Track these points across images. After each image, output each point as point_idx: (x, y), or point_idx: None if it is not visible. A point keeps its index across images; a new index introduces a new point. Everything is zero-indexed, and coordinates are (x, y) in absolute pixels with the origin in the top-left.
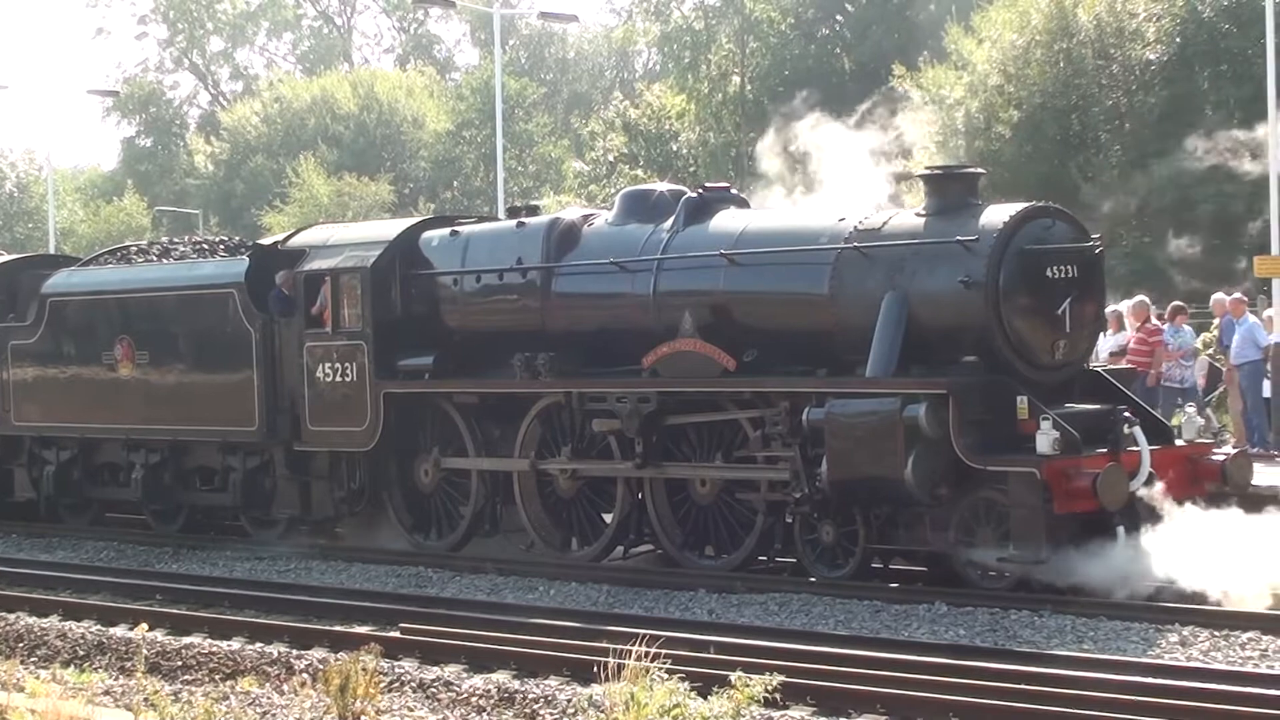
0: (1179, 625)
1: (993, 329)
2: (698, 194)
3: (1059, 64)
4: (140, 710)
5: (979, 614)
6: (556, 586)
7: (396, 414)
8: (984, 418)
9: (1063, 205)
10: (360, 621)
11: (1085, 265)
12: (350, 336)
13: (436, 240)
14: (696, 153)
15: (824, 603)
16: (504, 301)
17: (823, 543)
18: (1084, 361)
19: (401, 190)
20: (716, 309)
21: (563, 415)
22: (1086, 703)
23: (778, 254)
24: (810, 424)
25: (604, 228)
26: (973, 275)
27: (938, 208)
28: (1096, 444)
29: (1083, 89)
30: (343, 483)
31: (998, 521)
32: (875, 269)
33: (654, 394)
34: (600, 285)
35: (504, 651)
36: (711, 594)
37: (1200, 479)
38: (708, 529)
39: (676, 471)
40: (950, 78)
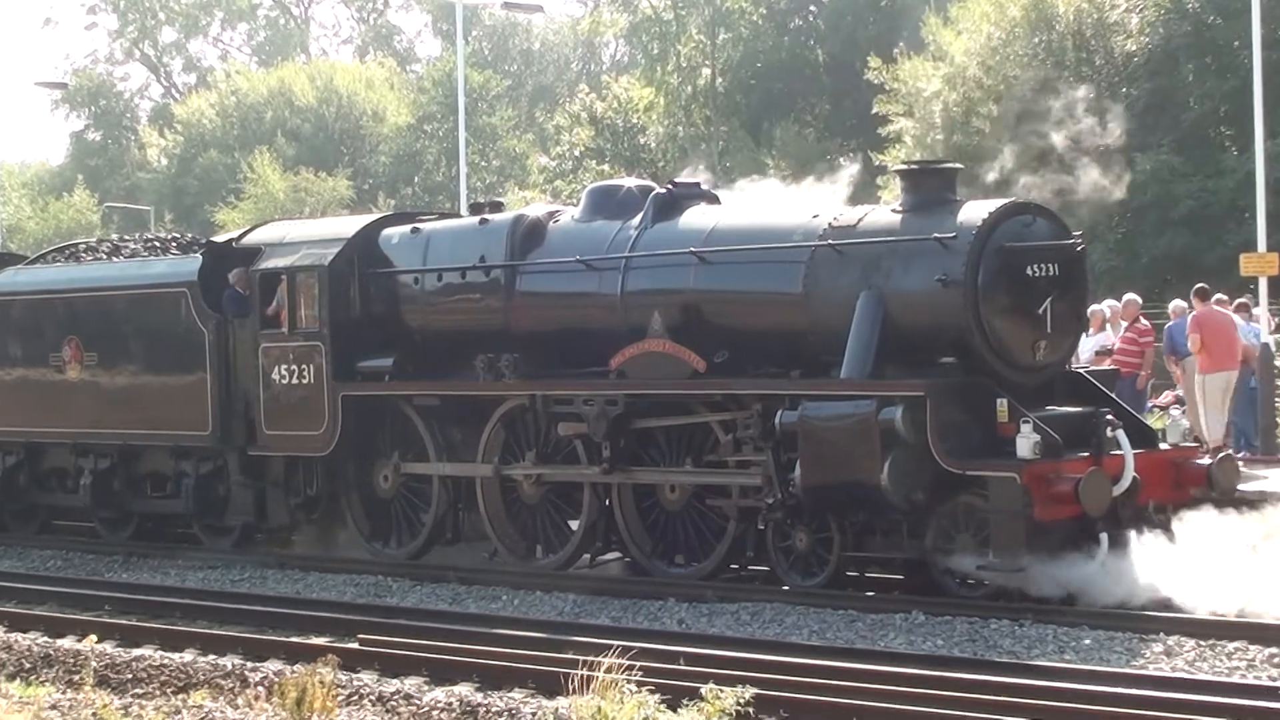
0: (1164, 635)
1: (971, 329)
2: (667, 190)
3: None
4: None
5: (957, 624)
6: (521, 596)
7: (355, 417)
8: (962, 421)
9: (1043, 201)
10: (317, 632)
11: (1067, 263)
12: (307, 337)
13: (397, 238)
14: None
15: (797, 612)
16: (466, 301)
17: (796, 550)
18: (1065, 362)
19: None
20: (686, 309)
21: (527, 418)
22: (1068, 715)
23: (750, 252)
24: (783, 427)
25: (570, 225)
26: (950, 273)
27: (914, 204)
28: (1079, 447)
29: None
30: (299, 489)
31: (977, 528)
32: (850, 267)
33: (622, 396)
34: (566, 284)
35: (466, 663)
36: (681, 603)
37: (1185, 484)
38: (677, 536)
39: (645, 477)
40: (927, 70)
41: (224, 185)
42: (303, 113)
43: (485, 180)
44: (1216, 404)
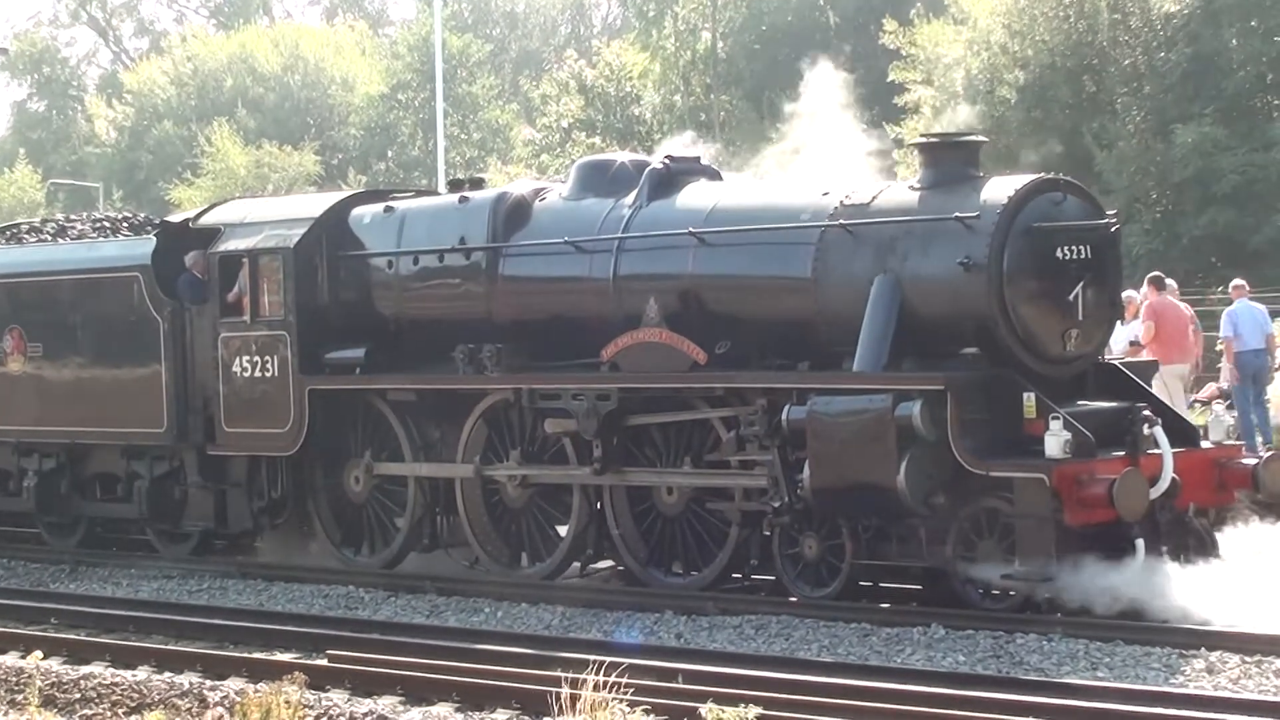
0: (1205, 650)
1: (996, 317)
2: (663, 165)
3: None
4: None
5: (980, 638)
6: (504, 608)
7: (323, 414)
8: (986, 417)
9: (1074, 177)
10: (283, 648)
11: (1100, 245)
12: (271, 326)
13: (369, 217)
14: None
15: (806, 626)
16: (445, 286)
17: (805, 558)
18: (1098, 353)
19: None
20: (685, 295)
21: (511, 415)
22: None
23: (754, 233)
24: (790, 424)
25: (558, 203)
26: (973, 256)
27: (934, 180)
28: (1113, 446)
29: (1097, 47)
30: (263, 492)
31: (1002, 534)
32: (863, 250)
33: (614, 391)
34: (553, 268)
35: (445, 681)
36: (679, 616)
37: (1229, 486)
38: (675, 543)
39: (640, 478)
40: (948, 34)
41: (179, 160)
42: (265, 81)
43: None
44: (1180, 394)
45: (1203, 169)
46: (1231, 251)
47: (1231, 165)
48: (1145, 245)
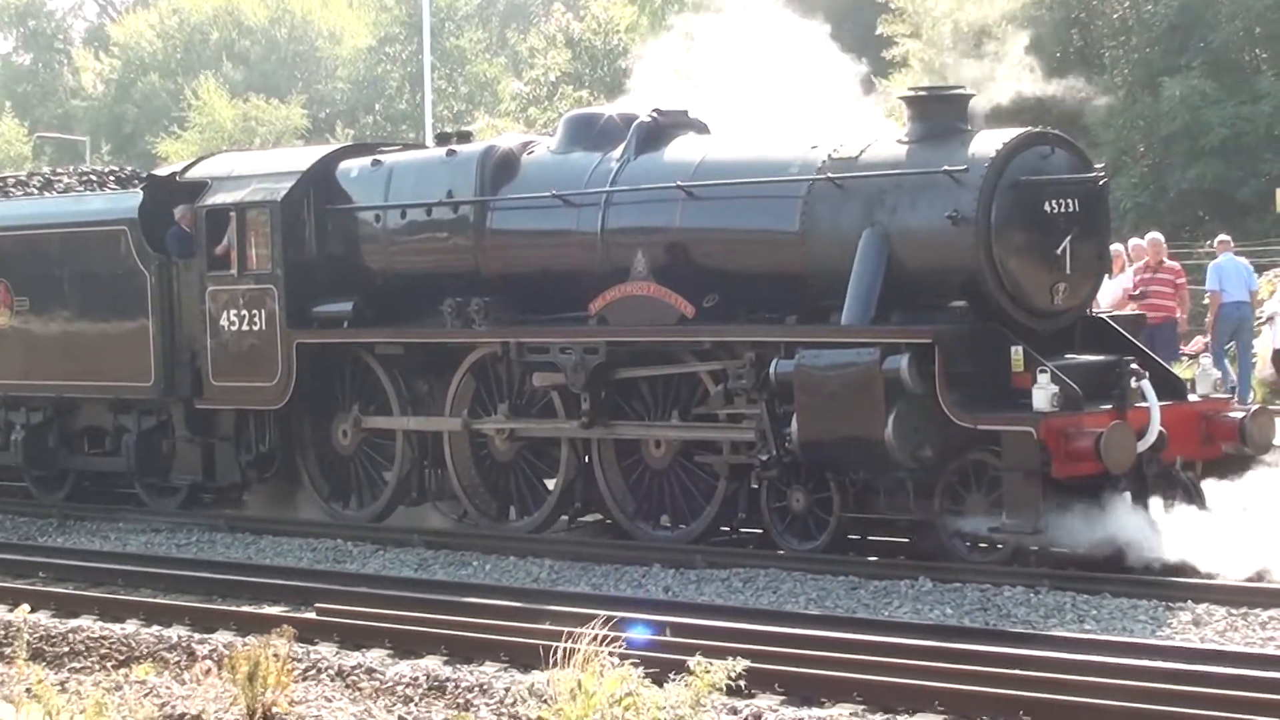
0: (1192, 602)
1: (984, 270)
2: (651, 118)
3: None
4: (21, 702)
5: (968, 591)
6: (493, 561)
7: (311, 367)
8: (974, 370)
9: (1062, 131)
10: (271, 601)
11: (1088, 198)
12: (258, 280)
13: (356, 171)
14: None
15: (794, 579)
16: (433, 240)
17: (792, 511)
18: (1086, 307)
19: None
20: (672, 248)
21: (499, 368)
22: (1088, 689)
23: (742, 186)
24: (778, 378)
25: (545, 156)
26: (961, 210)
27: (922, 134)
28: (1100, 399)
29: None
30: (250, 445)
31: (989, 487)
32: (851, 203)
33: (602, 344)
34: (541, 221)
35: (434, 634)
36: (667, 569)
37: (1216, 439)
38: (663, 496)
39: (628, 431)
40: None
41: (166, 114)
42: (252, 34)
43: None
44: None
45: (1190, 122)
46: (1219, 205)
47: (1219, 119)
48: (1133, 198)
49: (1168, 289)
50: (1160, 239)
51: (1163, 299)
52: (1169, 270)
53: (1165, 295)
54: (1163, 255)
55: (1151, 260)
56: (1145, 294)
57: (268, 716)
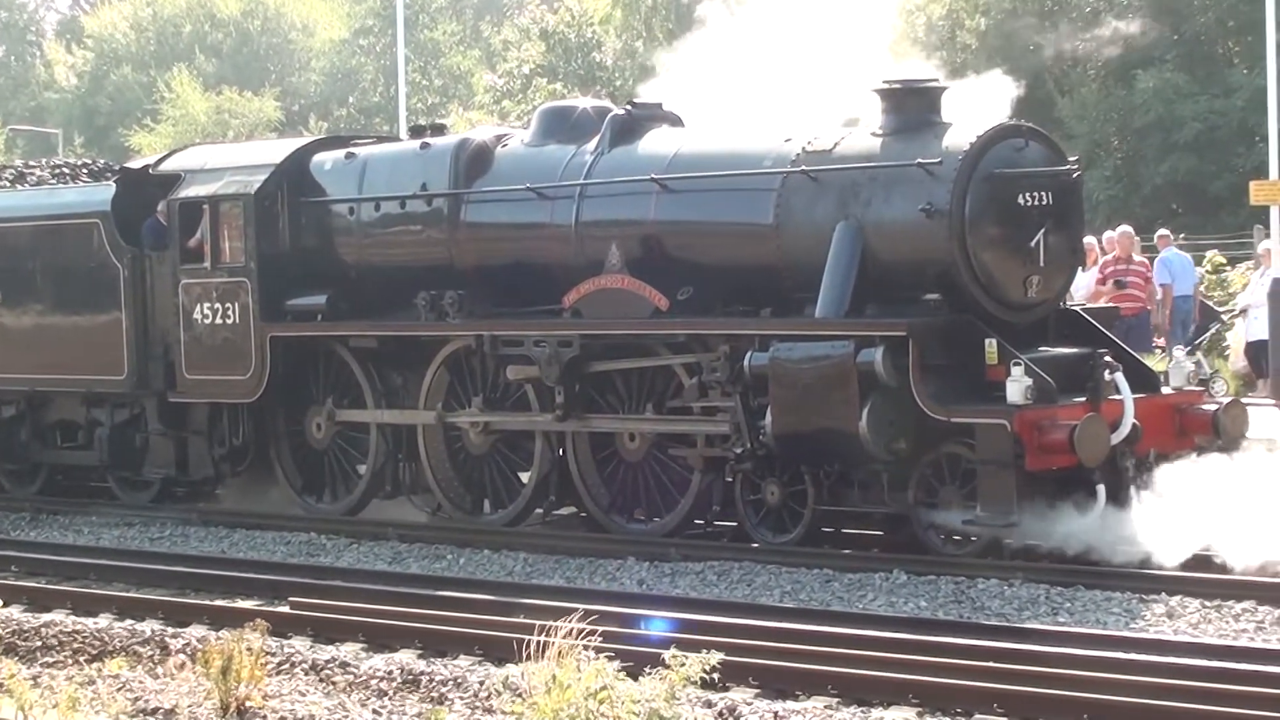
0: (1166, 595)
1: (958, 263)
2: (625, 111)
3: None
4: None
5: (942, 583)
6: (467, 555)
7: (285, 361)
8: (948, 363)
9: (1036, 123)
10: (244, 595)
11: (1061, 191)
12: (232, 273)
13: (330, 163)
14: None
15: (768, 572)
16: (406, 233)
17: (767, 504)
18: (1059, 300)
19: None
20: (647, 241)
21: (473, 361)
22: (1062, 681)
23: (716, 179)
24: (753, 371)
25: (519, 149)
26: (935, 203)
27: (896, 126)
28: (1074, 392)
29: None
30: (224, 439)
31: (963, 479)
32: (826, 196)
33: (576, 337)
34: (515, 214)
35: (408, 628)
36: (642, 562)
37: (1189, 431)
38: (637, 489)
39: (602, 424)
40: None
41: (139, 106)
42: (225, 26)
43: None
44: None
45: (1164, 115)
46: (1192, 198)
47: (1192, 112)
48: (1106, 191)
49: (1141, 281)
50: (1131, 232)
51: (1139, 290)
52: (1140, 264)
53: (1140, 287)
54: (1133, 248)
55: (1122, 253)
56: (1124, 284)
57: (241, 711)
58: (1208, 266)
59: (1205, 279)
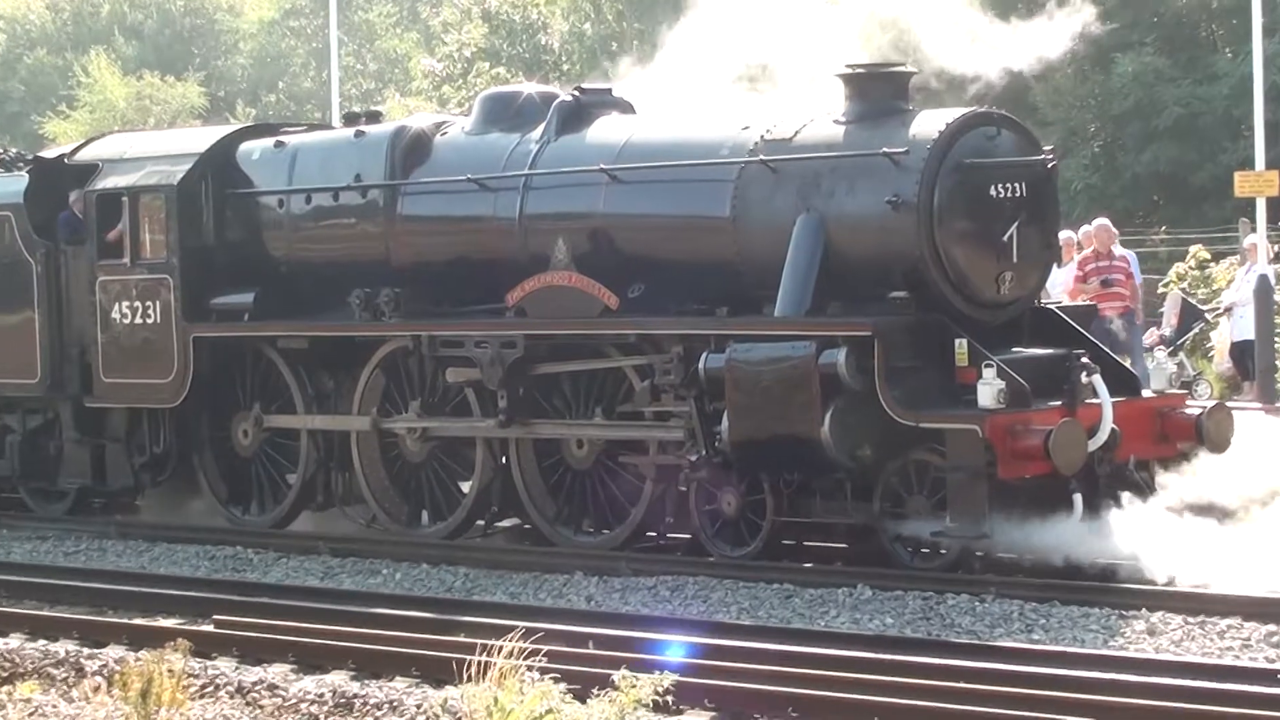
0: (1146, 610)
1: (926, 259)
2: (573, 97)
3: None
4: None
5: (909, 599)
6: (403, 570)
7: (210, 363)
8: (915, 365)
9: (1009, 110)
10: (165, 613)
11: (1036, 182)
12: (153, 269)
13: (258, 153)
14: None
15: (724, 587)
16: (339, 227)
17: (723, 515)
18: (1034, 297)
19: (215, 93)
20: (596, 236)
21: (411, 363)
22: (1037, 703)
23: (669, 169)
24: (708, 373)
25: (460, 138)
26: (902, 194)
27: (860, 114)
28: (1049, 396)
29: None
30: (144, 446)
31: (932, 489)
32: (786, 187)
33: (520, 338)
34: (455, 207)
35: (340, 648)
36: (590, 577)
37: (1171, 437)
38: (585, 499)
39: (548, 430)
40: None
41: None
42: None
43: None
44: None
45: (1143, 101)
46: (1174, 189)
47: (1174, 97)
48: (1083, 181)
49: (1124, 278)
50: (1109, 224)
51: (1123, 288)
52: (1122, 259)
53: (1124, 285)
54: (1112, 242)
55: (1101, 248)
56: (1111, 282)
57: None
58: (1190, 262)
59: (1188, 275)
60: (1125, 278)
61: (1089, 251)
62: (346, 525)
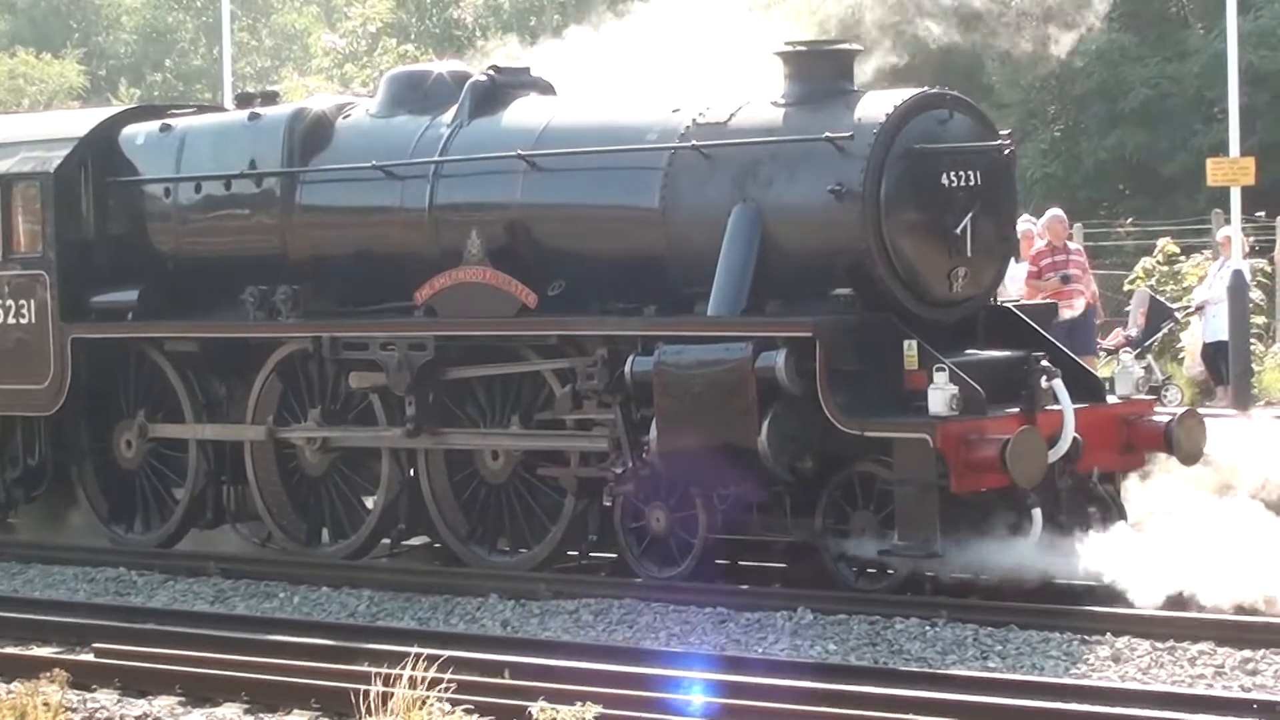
0: (1111, 635)
1: (872, 253)
2: (487, 77)
3: None
4: None
5: (854, 624)
6: (302, 593)
7: (89, 367)
8: (861, 368)
9: (962, 91)
10: (41, 641)
11: (991, 170)
12: (27, 264)
13: (143, 137)
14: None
15: (653, 611)
16: (232, 218)
17: (651, 533)
18: (989, 295)
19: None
20: (512, 228)
21: (310, 368)
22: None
23: (593, 156)
24: (635, 378)
25: (364, 121)
26: (846, 183)
27: (801, 95)
28: (1006, 402)
29: None
30: (17, 459)
31: (879, 503)
32: (720, 175)
33: (430, 339)
34: (360, 196)
35: (232, 679)
36: (506, 600)
37: (1138, 446)
38: (501, 516)
39: (460, 440)
40: None
41: None
42: None
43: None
44: None
45: (1108, 80)
46: (1142, 178)
47: (1141, 77)
48: (1042, 169)
49: (1081, 273)
50: (1063, 215)
51: (1082, 284)
52: (1078, 252)
53: (1082, 280)
54: (1067, 234)
55: (1056, 241)
56: (1070, 277)
57: None
58: (1159, 256)
59: (1156, 271)
60: (1083, 272)
61: (1043, 245)
62: (239, 544)
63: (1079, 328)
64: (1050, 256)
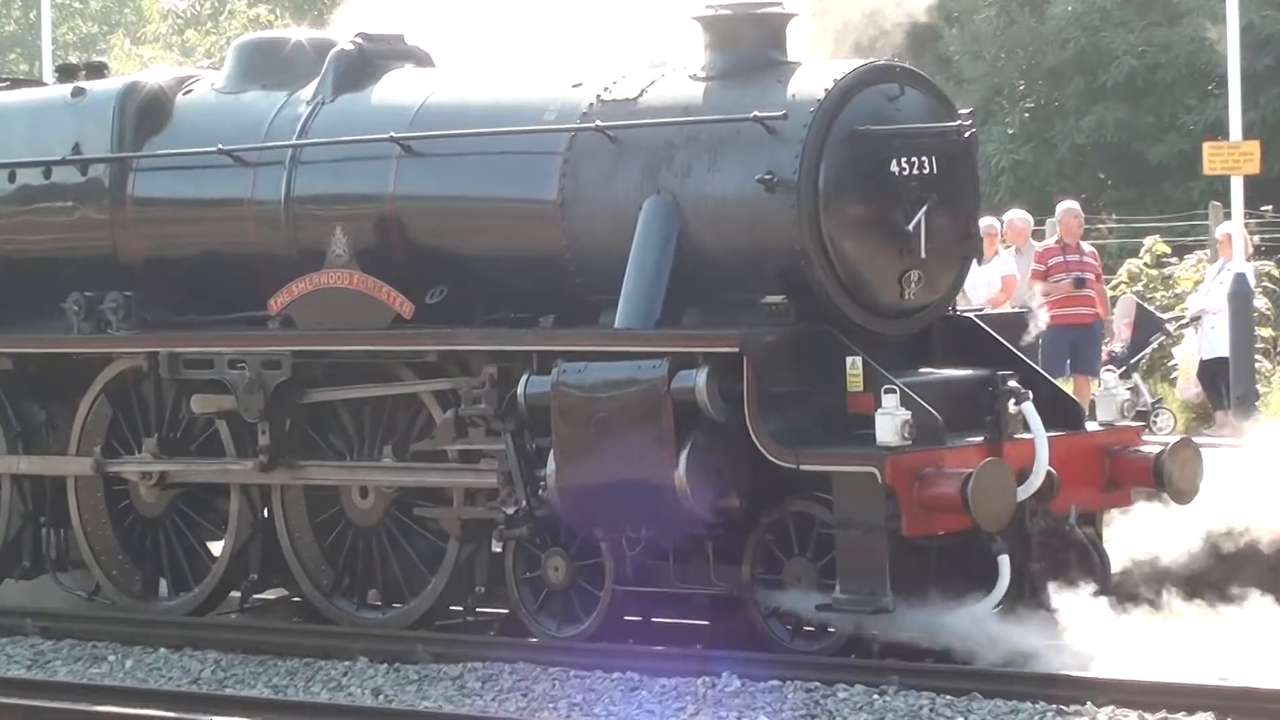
0: (1092, 705)
1: (809, 253)
2: (354, 45)
3: None
4: None
5: (788, 691)
6: (135, 655)
7: None
8: (796, 390)
9: (916, 64)
10: None
11: (949, 156)
12: None
13: None
14: None
15: (551, 676)
16: (52, 212)
17: (550, 584)
18: (948, 303)
19: None
20: (384, 224)
21: (145, 389)
22: None
23: (479, 139)
24: (529, 401)
25: (209, 98)
26: (778, 171)
27: (725, 67)
28: (968, 429)
29: None
30: None
31: (817, 550)
32: (629, 162)
33: (287, 355)
34: (203, 187)
35: None
36: (378, 664)
37: (1123, 481)
38: (372, 564)
39: (323, 475)
40: None
41: None
42: None
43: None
44: None
45: (1086, 50)
46: (1125, 164)
47: (1125, 45)
48: (1009, 155)
49: (1094, 278)
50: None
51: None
52: (1092, 254)
53: (1094, 286)
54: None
55: (1068, 237)
56: (1084, 280)
57: None
58: (1146, 257)
59: (1143, 274)
60: (1095, 278)
61: (1052, 242)
62: (62, 598)
63: (1085, 342)
64: (1061, 255)
